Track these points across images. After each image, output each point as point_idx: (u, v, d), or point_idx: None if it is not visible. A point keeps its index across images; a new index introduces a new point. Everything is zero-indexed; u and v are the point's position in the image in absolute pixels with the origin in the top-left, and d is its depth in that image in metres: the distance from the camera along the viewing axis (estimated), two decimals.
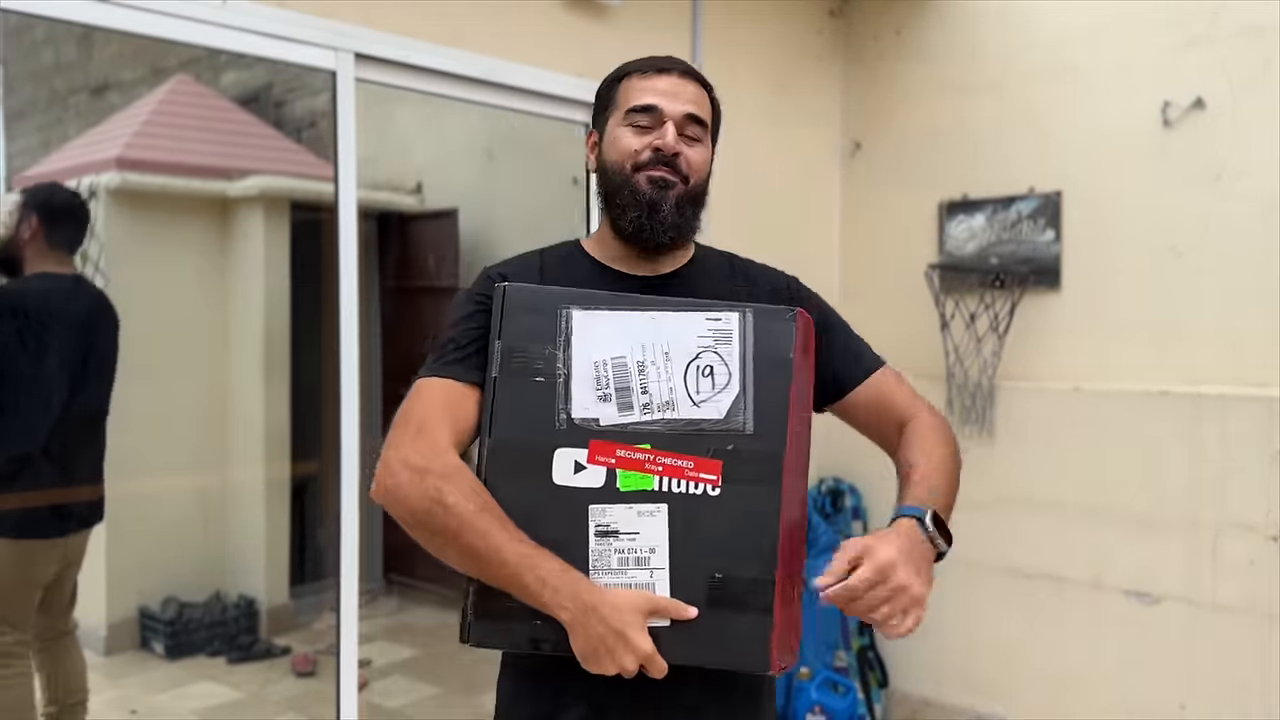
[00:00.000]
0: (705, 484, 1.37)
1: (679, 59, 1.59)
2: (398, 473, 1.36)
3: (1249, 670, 3.25)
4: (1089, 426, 3.62)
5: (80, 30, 5.28)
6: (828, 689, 3.92)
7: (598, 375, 1.39)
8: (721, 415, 1.38)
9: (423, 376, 1.47)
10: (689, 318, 1.41)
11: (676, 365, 1.39)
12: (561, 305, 1.41)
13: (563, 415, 1.37)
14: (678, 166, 1.51)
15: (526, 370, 1.39)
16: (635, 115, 1.53)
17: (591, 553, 1.35)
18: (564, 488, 1.36)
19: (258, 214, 5.00)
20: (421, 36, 3.04)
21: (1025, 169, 3.86)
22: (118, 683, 4.41)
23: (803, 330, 1.43)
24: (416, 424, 1.40)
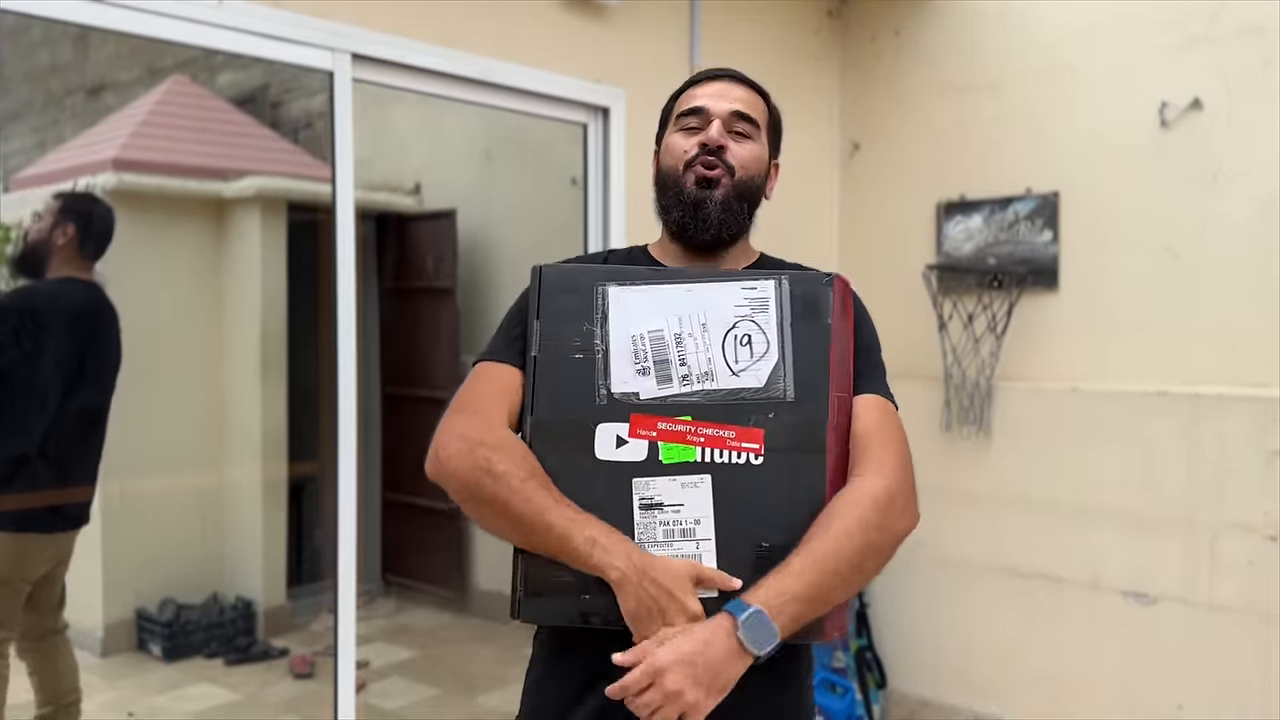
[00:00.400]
0: (748, 453, 1.36)
1: (734, 70, 1.63)
2: (450, 444, 1.38)
3: (1247, 670, 3.25)
4: (1087, 427, 3.62)
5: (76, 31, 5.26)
6: (826, 689, 3.92)
7: (635, 349, 1.39)
8: (761, 384, 1.38)
9: (478, 359, 1.51)
10: (725, 288, 1.41)
11: (714, 335, 1.39)
12: (597, 282, 1.42)
13: (603, 391, 1.38)
14: (724, 160, 1.52)
15: (566, 348, 1.40)
16: (685, 119, 1.56)
17: (637, 526, 1.35)
18: (607, 462, 1.36)
19: (254, 215, 5.00)
20: (418, 37, 3.04)
21: (1023, 169, 3.86)
22: (115, 684, 4.40)
23: (840, 294, 1.43)
24: (470, 404, 1.43)
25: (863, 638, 4.13)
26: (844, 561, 1.33)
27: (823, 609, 1.33)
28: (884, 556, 1.42)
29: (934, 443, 4.02)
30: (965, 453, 3.93)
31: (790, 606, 1.29)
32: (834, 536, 1.34)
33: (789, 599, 1.29)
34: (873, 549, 1.37)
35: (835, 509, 1.36)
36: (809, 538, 1.34)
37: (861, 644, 4.12)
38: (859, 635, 4.13)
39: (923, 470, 4.44)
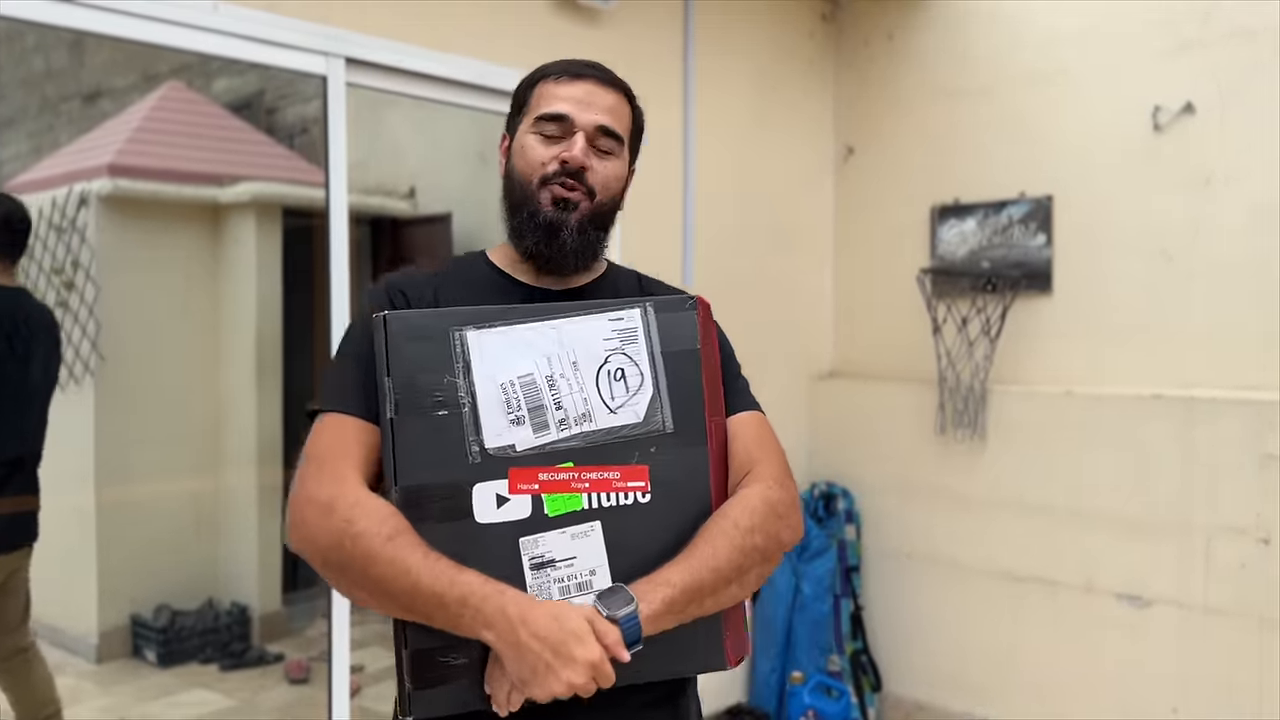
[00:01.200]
0: (635, 492, 1.31)
1: (601, 65, 1.50)
2: (304, 510, 1.25)
3: (1241, 673, 3.25)
4: (1081, 430, 3.62)
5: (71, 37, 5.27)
6: (821, 693, 3.92)
7: (506, 398, 1.28)
8: (640, 418, 1.32)
9: (323, 410, 1.35)
10: (591, 321, 1.34)
11: (586, 374, 1.32)
12: (452, 327, 1.29)
13: (475, 448, 1.27)
14: (584, 181, 1.42)
15: (425, 404, 1.27)
16: (545, 123, 1.43)
17: (530, 588, 1.26)
18: (489, 525, 1.26)
19: (250, 220, 5.00)
20: (412, 41, 3.04)
21: (1016, 173, 3.87)
22: (109, 691, 4.39)
23: (703, 317, 1.39)
24: (319, 461, 1.29)
25: (858, 641, 4.13)
26: (721, 559, 1.29)
27: (699, 602, 1.27)
28: (767, 562, 1.35)
29: (928, 446, 4.03)
30: (959, 456, 3.94)
31: (661, 589, 1.24)
32: (714, 535, 1.30)
33: (659, 583, 1.25)
34: (755, 551, 1.32)
35: (721, 512, 1.33)
36: (693, 539, 1.30)
37: (857, 647, 4.12)
38: (854, 638, 4.13)
39: (917, 473, 4.45)
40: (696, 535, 1.31)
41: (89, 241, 4.65)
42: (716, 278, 3.90)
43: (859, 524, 4.22)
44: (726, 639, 1.34)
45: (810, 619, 3.98)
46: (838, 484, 4.26)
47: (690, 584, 1.26)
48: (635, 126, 1.52)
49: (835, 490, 4.21)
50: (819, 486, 4.25)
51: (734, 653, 1.35)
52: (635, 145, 1.54)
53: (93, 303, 4.61)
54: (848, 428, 4.32)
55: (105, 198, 4.66)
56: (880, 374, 4.27)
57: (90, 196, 4.66)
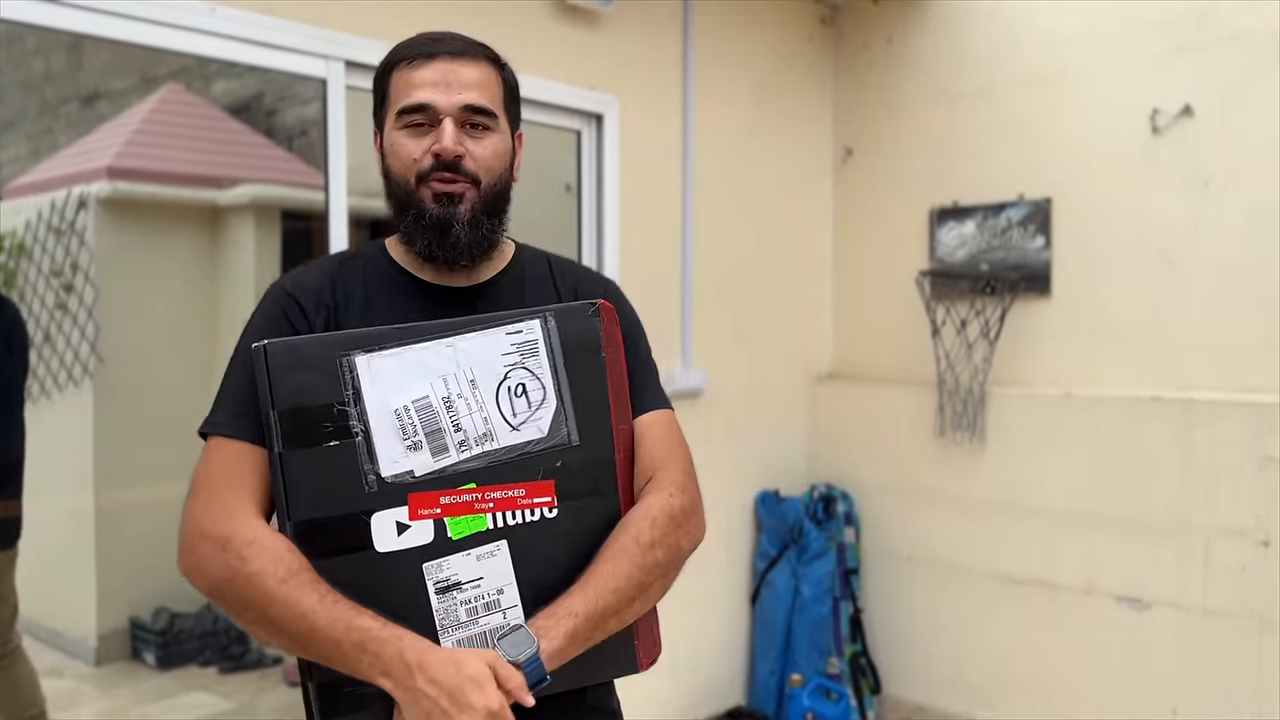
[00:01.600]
0: (541, 509, 1.28)
1: (455, 35, 1.41)
2: (196, 545, 1.22)
3: (1240, 675, 3.25)
4: (1080, 432, 3.62)
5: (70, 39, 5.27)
6: (820, 695, 3.91)
7: (402, 424, 1.24)
8: (544, 433, 1.29)
9: (212, 433, 1.30)
10: (488, 337, 1.29)
11: (486, 392, 1.28)
12: (339, 353, 1.24)
13: (371, 476, 1.23)
14: (464, 170, 1.34)
15: (315, 436, 1.22)
16: (408, 116, 1.35)
17: (436, 612, 1.23)
18: (390, 554, 1.23)
19: (248, 222, 5.00)
20: None
21: (1015, 176, 3.87)
22: (108, 694, 4.38)
23: (607, 322, 1.34)
24: (210, 490, 1.25)
25: (857, 643, 4.13)
26: (621, 578, 1.26)
27: (604, 625, 1.25)
28: (669, 573, 1.34)
29: (927, 448, 4.03)
30: (959, 458, 3.94)
31: (564, 622, 1.22)
32: (614, 553, 1.28)
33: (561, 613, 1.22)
34: (657, 566, 1.30)
35: (621, 527, 1.31)
36: (594, 559, 1.28)
37: (856, 650, 4.12)
38: (853, 641, 4.12)
39: (916, 476, 4.45)
40: (598, 554, 1.29)
41: (88, 244, 4.65)
42: (716, 280, 3.90)
43: (858, 526, 4.22)
44: (637, 643, 1.33)
45: (809, 621, 3.98)
46: (837, 486, 4.26)
47: (593, 610, 1.24)
48: (508, 92, 1.42)
49: (834, 493, 4.21)
50: (818, 489, 4.25)
51: (645, 656, 1.34)
52: (514, 112, 1.44)
53: (91, 305, 4.60)
54: (847, 430, 4.32)
55: (104, 200, 4.66)
56: (879, 376, 4.27)
57: (89, 199, 4.66)
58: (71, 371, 4.60)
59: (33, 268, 4.78)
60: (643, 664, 1.34)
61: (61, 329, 4.61)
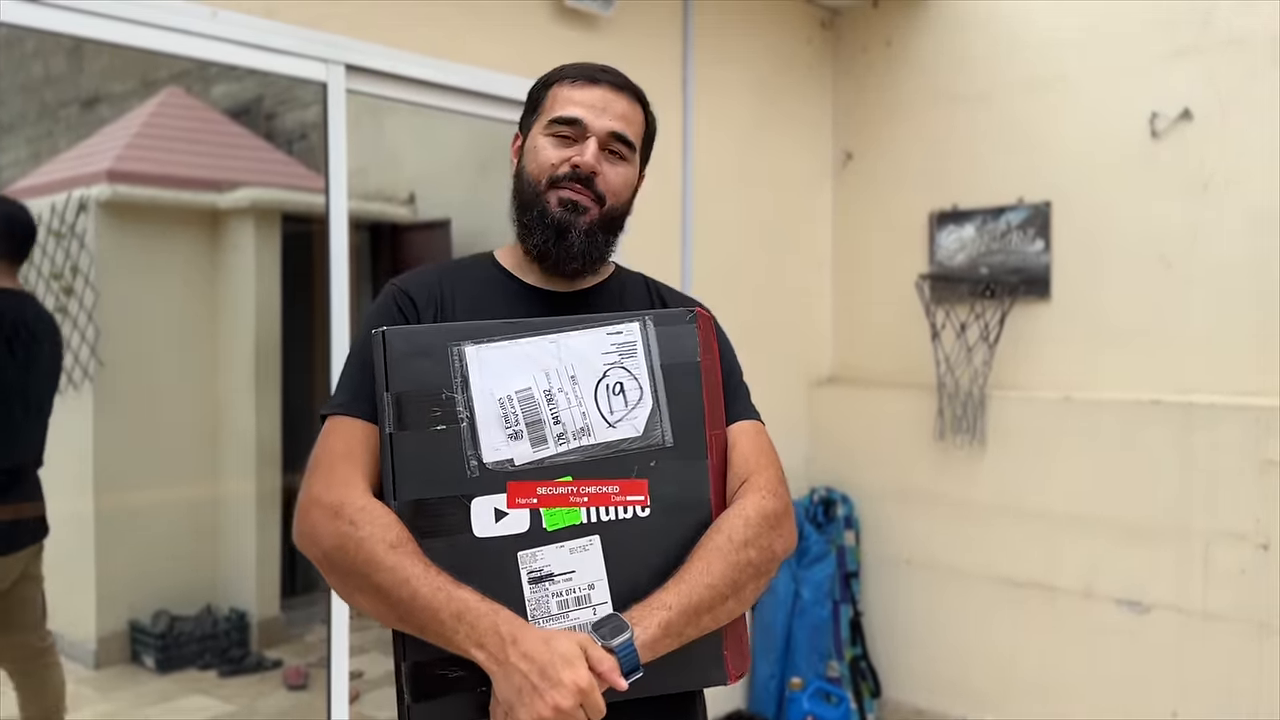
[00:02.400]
0: (634, 506, 1.30)
1: (615, 70, 1.50)
2: (310, 512, 1.28)
3: (1240, 678, 3.25)
4: (1080, 436, 3.62)
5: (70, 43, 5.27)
6: (820, 699, 3.91)
7: (504, 413, 1.29)
8: (639, 432, 1.32)
9: (332, 413, 1.37)
10: (590, 335, 1.34)
11: (585, 388, 1.32)
12: (450, 342, 1.30)
13: (473, 462, 1.27)
14: (594, 187, 1.43)
15: (424, 420, 1.27)
16: (558, 126, 1.44)
17: (528, 602, 1.26)
18: (488, 539, 1.27)
19: (249, 226, 5.00)
20: (412, 48, 3.05)
21: (1015, 179, 3.88)
22: (108, 696, 4.38)
23: (704, 330, 1.39)
24: (328, 465, 1.31)
25: (857, 647, 4.13)
26: (716, 575, 1.28)
27: (696, 622, 1.27)
28: (763, 574, 1.35)
29: (927, 452, 4.03)
30: (959, 462, 3.94)
31: (658, 614, 1.24)
32: (708, 551, 1.30)
33: (655, 607, 1.25)
34: (750, 566, 1.32)
35: (715, 527, 1.33)
36: (688, 556, 1.31)
37: (856, 653, 4.12)
38: (853, 644, 4.12)
39: (916, 479, 4.45)
40: (691, 552, 1.31)
41: (88, 247, 4.65)
42: (716, 283, 3.90)
43: (858, 529, 4.22)
44: (726, 654, 1.34)
45: (809, 624, 3.98)
46: (837, 489, 4.26)
47: (687, 605, 1.26)
48: (648, 132, 1.53)
49: (834, 496, 4.21)
50: (818, 492, 4.25)
51: (735, 668, 1.35)
52: (647, 151, 1.55)
53: (92, 308, 4.60)
54: (847, 433, 4.32)
55: (104, 203, 4.66)
56: (879, 380, 4.27)
57: (89, 202, 4.66)
58: (71, 375, 4.60)
59: (33, 271, 4.77)
60: (731, 675, 1.34)
61: (62, 332, 4.61)
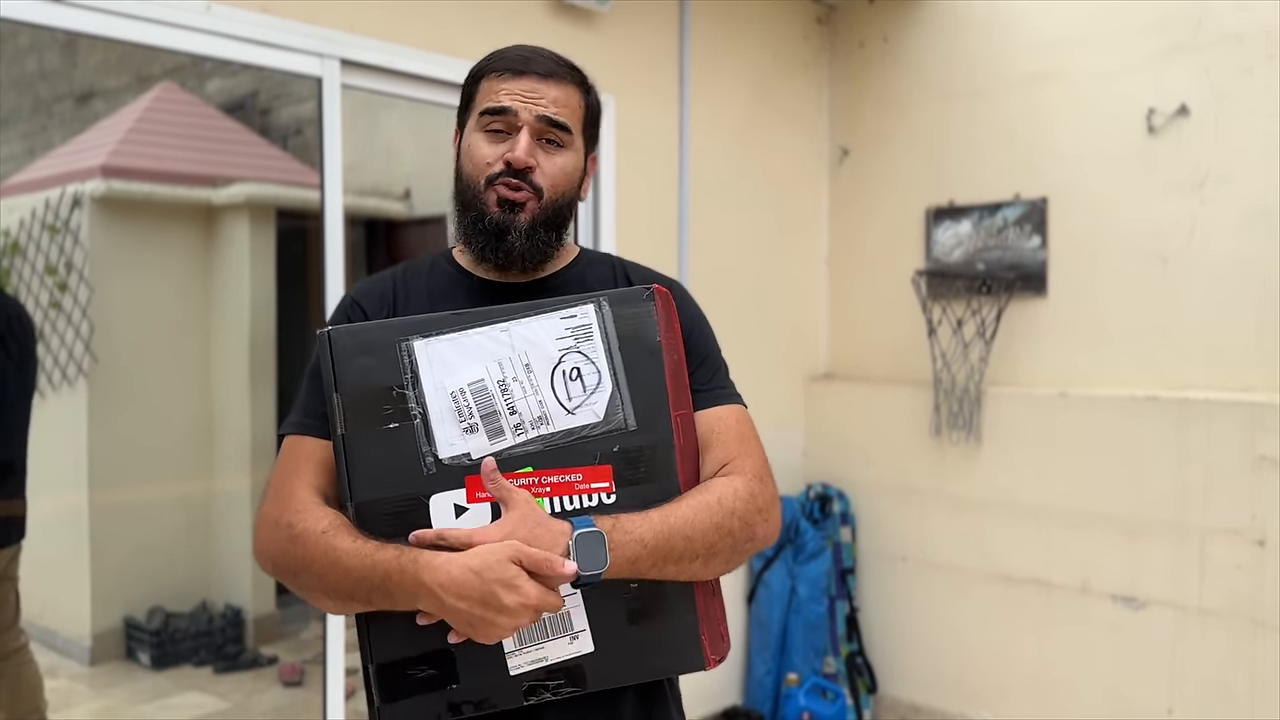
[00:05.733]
0: (599, 494, 1.28)
1: (548, 54, 1.43)
2: (259, 531, 1.30)
3: (1236, 674, 3.25)
4: (1075, 432, 3.62)
5: (64, 37, 5.26)
6: (816, 695, 3.91)
7: (457, 406, 1.26)
8: (600, 417, 1.29)
9: (283, 433, 1.38)
10: (543, 322, 1.30)
11: (541, 375, 1.29)
12: (398, 338, 1.27)
13: (429, 459, 1.25)
14: (531, 181, 1.37)
15: (375, 418, 1.25)
16: (489, 118, 1.39)
17: None
18: None
19: (243, 221, 4.99)
20: (407, 42, 3.04)
21: (1011, 175, 3.88)
22: (103, 693, 4.38)
23: (663, 307, 1.34)
24: (277, 485, 1.32)
25: (853, 643, 4.13)
26: (696, 529, 1.27)
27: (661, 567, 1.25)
28: (737, 551, 1.32)
29: (923, 448, 4.03)
30: (954, 458, 3.94)
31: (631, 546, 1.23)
32: (694, 504, 1.29)
33: (632, 539, 1.23)
34: (728, 534, 1.29)
35: (706, 486, 1.32)
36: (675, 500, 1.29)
37: (852, 649, 4.12)
38: (849, 640, 4.13)
39: (912, 475, 4.45)
40: (679, 499, 1.29)
41: (82, 243, 4.64)
42: (712, 280, 3.90)
43: (854, 526, 4.22)
44: (703, 638, 1.32)
45: (805, 621, 3.98)
46: (833, 486, 4.26)
47: (660, 547, 1.25)
48: (589, 114, 1.45)
49: (830, 492, 4.21)
50: (814, 488, 4.25)
51: (713, 652, 1.33)
52: (591, 134, 1.47)
53: (86, 304, 4.59)
54: (843, 430, 4.32)
55: (98, 199, 4.65)
56: (875, 376, 4.27)
57: (83, 197, 4.65)
58: (66, 371, 4.59)
59: (27, 266, 4.76)
60: (710, 660, 1.31)
61: (56, 328, 4.60)
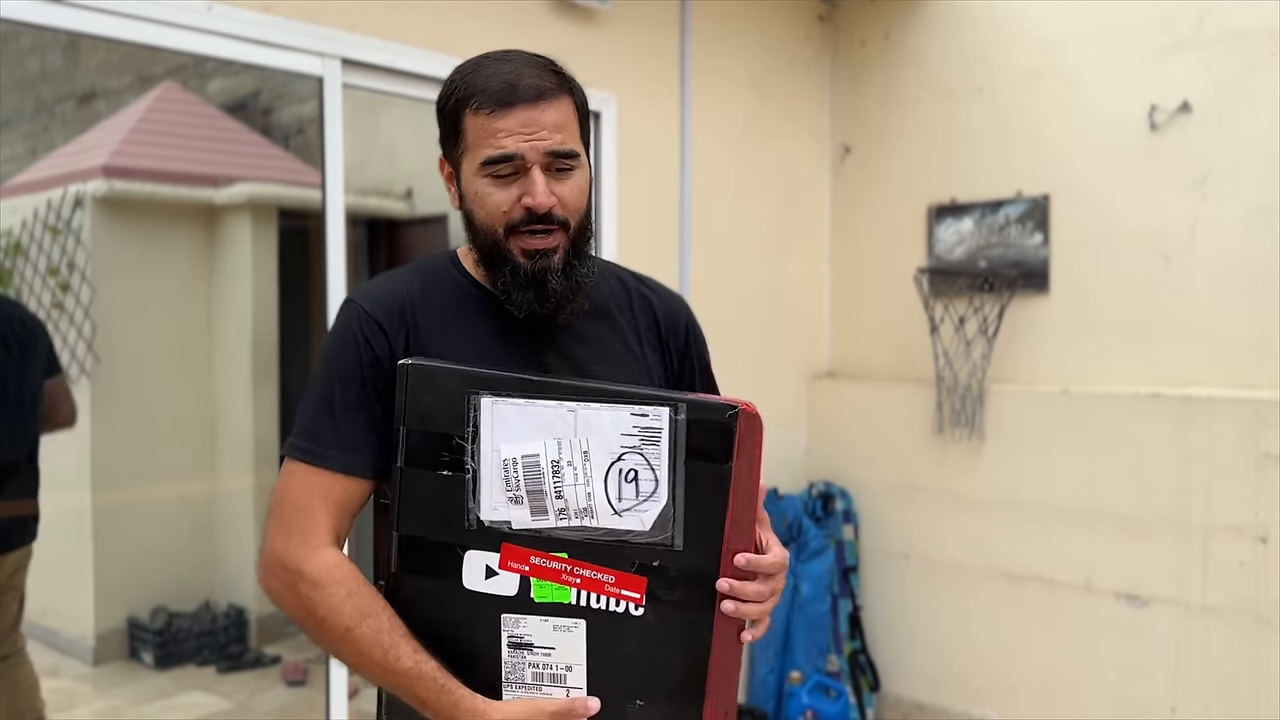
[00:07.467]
0: (627, 602, 1.24)
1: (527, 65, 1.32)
2: (273, 573, 1.27)
3: (1239, 672, 3.25)
4: (1078, 429, 3.62)
5: (66, 38, 5.26)
6: (819, 693, 3.91)
7: (507, 475, 1.24)
8: (647, 527, 1.23)
9: (294, 457, 1.30)
10: (612, 413, 1.24)
11: (596, 467, 1.24)
12: (469, 390, 1.24)
13: (472, 515, 1.24)
14: (555, 218, 1.30)
15: (433, 462, 1.25)
16: (493, 167, 1.29)
17: (505, 664, 1.25)
18: (475, 593, 1.25)
19: (245, 221, 4.99)
20: (408, 42, 3.04)
21: (1013, 172, 3.87)
22: (106, 693, 4.38)
23: (745, 428, 1.25)
24: (287, 517, 1.28)
25: (856, 641, 4.13)
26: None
27: None
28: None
29: (926, 446, 4.03)
30: (957, 456, 3.94)
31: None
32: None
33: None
34: None
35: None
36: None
37: (855, 647, 4.12)
38: (852, 638, 4.12)
39: (914, 473, 4.44)
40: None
41: (84, 243, 4.64)
42: (714, 278, 3.89)
43: (857, 524, 4.22)
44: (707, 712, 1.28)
45: (808, 619, 3.98)
46: (835, 484, 4.26)
47: None
48: (582, 117, 1.36)
49: (833, 490, 4.21)
50: (817, 486, 4.25)
51: None
52: (588, 132, 1.40)
53: (88, 304, 4.60)
54: (845, 428, 4.31)
55: (100, 199, 4.65)
56: (878, 374, 4.27)
57: (85, 198, 4.65)
58: (68, 371, 4.59)
59: (29, 267, 4.77)
60: None
61: (58, 328, 4.60)
